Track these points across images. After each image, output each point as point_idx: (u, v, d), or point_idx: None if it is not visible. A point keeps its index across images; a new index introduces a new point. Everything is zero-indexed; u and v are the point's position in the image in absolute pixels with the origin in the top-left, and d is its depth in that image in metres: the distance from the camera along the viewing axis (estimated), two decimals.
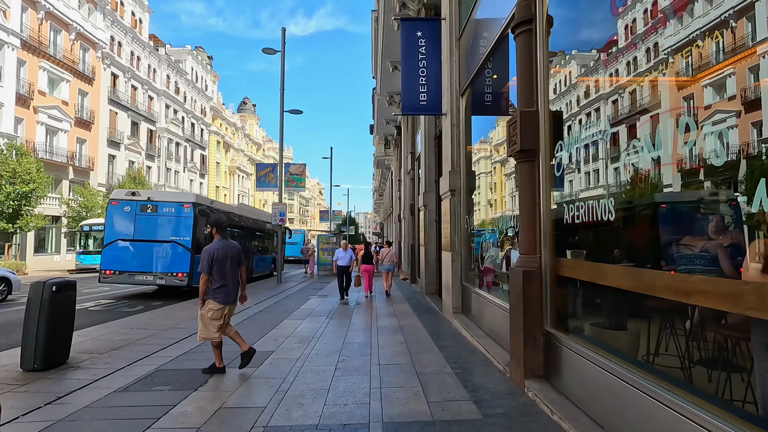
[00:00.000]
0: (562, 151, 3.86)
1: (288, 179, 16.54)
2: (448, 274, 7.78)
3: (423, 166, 11.77)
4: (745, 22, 2.13)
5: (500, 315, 5.38)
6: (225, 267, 4.71)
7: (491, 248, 6.21)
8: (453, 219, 7.59)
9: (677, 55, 2.56)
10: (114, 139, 36.46)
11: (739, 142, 2.13)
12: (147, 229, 12.04)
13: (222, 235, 4.84)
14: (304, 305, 10.36)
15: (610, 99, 3.34)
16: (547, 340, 3.91)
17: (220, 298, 4.67)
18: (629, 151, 2.98)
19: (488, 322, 6.04)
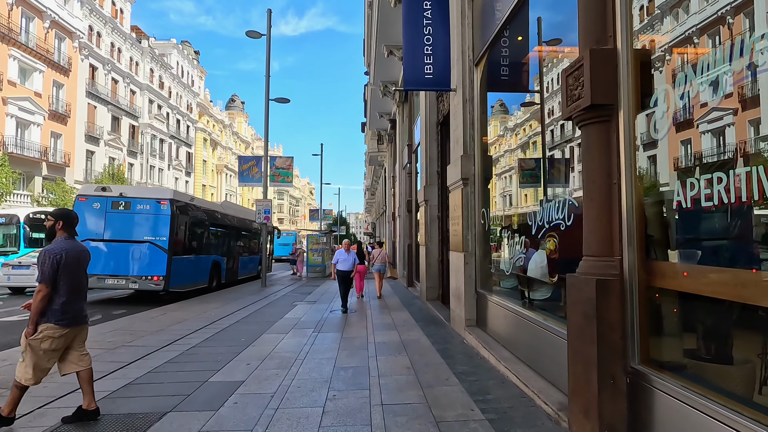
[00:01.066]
0: (656, 105, 2.62)
1: (273, 173, 15.17)
2: (458, 279, 6.53)
3: (423, 156, 10.51)
4: None
5: (538, 335, 4.14)
6: (76, 276, 3.41)
7: (518, 246, 4.95)
8: (466, 213, 6.34)
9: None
10: (93, 135, 34.69)
11: None
12: (119, 228, 10.64)
13: (69, 233, 3.47)
14: (289, 314, 9.03)
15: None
16: (634, 382, 2.67)
17: (66, 319, 3.30)
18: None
19: (516, 341, 4.79)
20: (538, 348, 4.15)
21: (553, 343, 3.76)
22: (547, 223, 4.02)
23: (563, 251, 3.83)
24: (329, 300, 11.33)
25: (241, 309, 9.71)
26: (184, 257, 11.47)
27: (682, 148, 2.53)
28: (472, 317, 6.25)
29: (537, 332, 4.16)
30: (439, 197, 9.99)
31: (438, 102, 10.12)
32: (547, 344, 3.90)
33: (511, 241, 5.07)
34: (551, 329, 3.86)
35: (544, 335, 4.01)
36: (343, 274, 9.55)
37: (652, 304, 2.70)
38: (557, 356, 3.68)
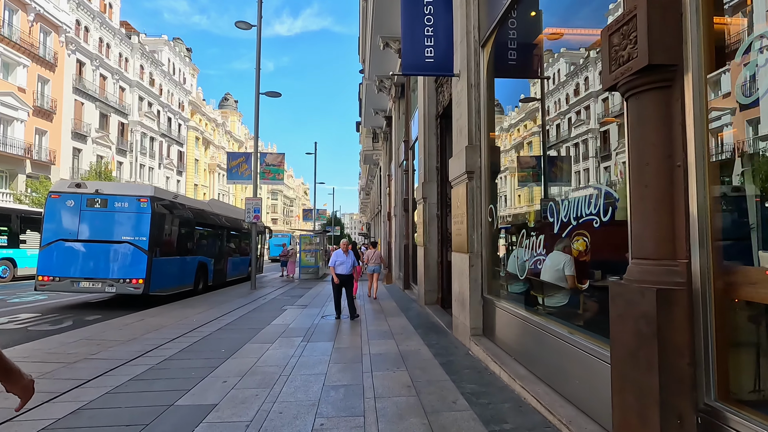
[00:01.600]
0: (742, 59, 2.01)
1: (264, 170, 14.49)
2: (462, 283, 5.91)
3: (421, 152, 9.90)
4: None
5: (562, 351, 3.53)
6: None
7: (534, 247, 4.33)
8: (471, 211, 5.72)
9: None
10: (80, 132, 33.77)
11: None
12: (95, 227, 9.91)
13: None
14: (277, 320, 8.37)
15: None
16: (708, 423, 2.06)
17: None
18: None
19: (534, 356, 4.17)
20: (562, 366, 3.53)
21: (585, 362, 3.15)
22: (574, 219, 3.40)
23: (597, 252, 3.21)
24: (321, 304, 10.68)
25: (226, 314, 9.03)
26: (167, 258, 10.77)
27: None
28: (478, 326, 5.63)
29: (561, 348, 3.55)
30: (438, 194, 9.38)
31: (437, 93, 9.51)
32: (576, 363, 3.29)
33: (526, 240, 4.45)
34: (580, 345, 3.25)
35: (570, 351, 3.40)
36: (343, 278, 8.41)
37: (733, 321, 2.10)
38: (590, 378, 3.07)
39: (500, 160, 5.67)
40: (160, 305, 10.10)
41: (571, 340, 3.40)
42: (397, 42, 13.62)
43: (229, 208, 17.84)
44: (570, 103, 4.02)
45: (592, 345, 3.10)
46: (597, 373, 2.94)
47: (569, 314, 3.80)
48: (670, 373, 2.10)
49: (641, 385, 2.20)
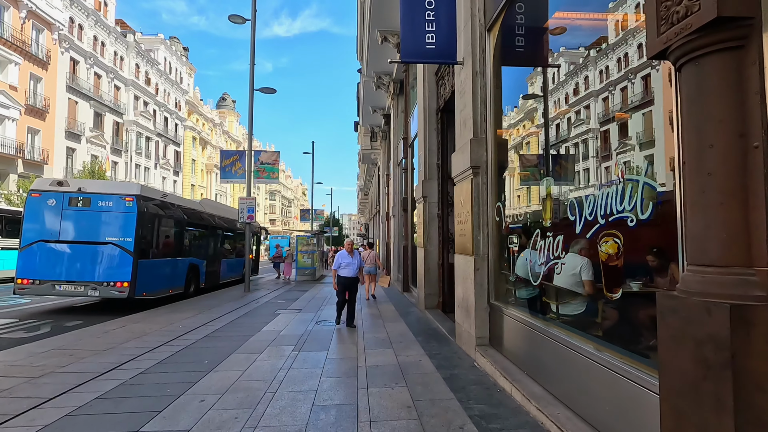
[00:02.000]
0: None
1: (258, 169, 14.00)
2: (467, 287, 5.44)
3: (421, 149, 9.42)
4: None
5: (588, 370, 3.05)
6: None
7: (550, 249, 3.85)
8: (476, 209, 5.25)
9: None
10: (74, 131, 33.24)
11: None
12: (77, 227, 9.41)
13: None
14: (268, 326, 7.88)
15: None
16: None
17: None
18: None
19: (550, 373, 3.70)
20: (587, 387, 3.06)
21: (617, 386, 2.67)
22: (602, 218, 2.93)
23: (633, 256, 2.74)
24: (316, 308, 10.19)
25: (215, 319, 8.54)
26: (154, 260, 10.27)
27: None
28: (485, 335, 5.15)
29: (586, 366, 3.07)
30: (439, 193, 8.90)
31: (438, 86, 9.04)
32: (605, 385, 2.81)
33: (541, 242, 3.97)
34: (612, 366, 2.77)
35: (597, 371, 2.92)
36: (348, 281, 7.66)
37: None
38: (626, 406, 2.59)
39: (508, 154, 5.20)
40: (148, 309, 9.61)
41: (599, 359, 2.93)
42: (395, 36, 13.17)
43: (222, 207, 17.34)
44: (602, 83, 3.55)
45: (628, 367, 2.62)
46: (636, 402, 2.47)
47: (593, 326, 3.33)
48: (748, 414, 1.62)
49: (707, 427, 1.72)
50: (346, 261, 7.71)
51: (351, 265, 7.72)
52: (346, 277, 7.69)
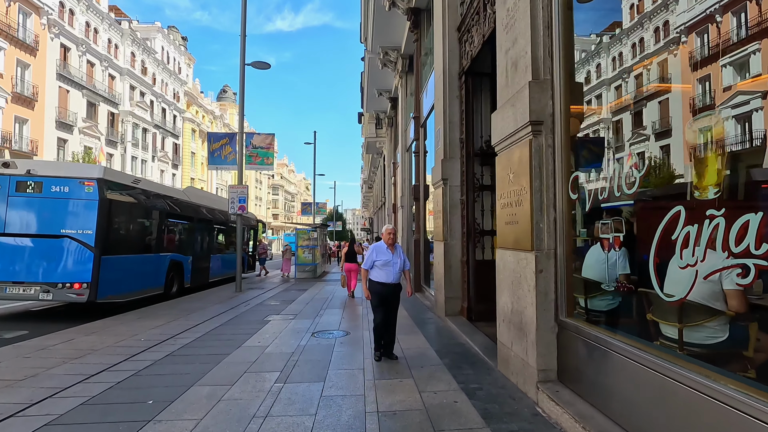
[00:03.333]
0: None
1: (250, 154, 12.43)
2: (521, 296, 3.83)
3: (441, 122, 7.77)
4: None
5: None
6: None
7: (720, 245, 2.24)
8: (536, 184, 3.63)
9: None
10: (65, 121, 31.76)
11: None
12: (27, 217, 7.87)
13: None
14: (253, 338, 6.31)
15: None
16: None
17: None
18: None
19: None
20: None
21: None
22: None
23: None
24: (314, 312, 8.62)
25: (191, 328, 6.99)
26: (124, 257, 8.72)
27: None
28: (550, 366, 3.55)
29: None
30: (463, 174, 7.28)
31: (462, 44, 7.38)
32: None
33: (689, 228, 2.34)
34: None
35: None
36: (388, 290, 5.07)
37: None
38: None
39: (586, 100, 3.56)
40: (116, 315, 8.10)
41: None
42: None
43: (212, 198, 15.77)
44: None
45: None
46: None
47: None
48: None
49: None
50: (384, 258, 5.07)
51: (392, 264, 5.06)
52: (385, 284, 5.05)
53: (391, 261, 5.07)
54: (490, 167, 7.37)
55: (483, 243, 7.19)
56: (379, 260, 5.07)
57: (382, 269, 5.04)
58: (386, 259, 5.06)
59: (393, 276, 5.06)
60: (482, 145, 7.31)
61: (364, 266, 5.24)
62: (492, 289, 7.10)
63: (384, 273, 5.05)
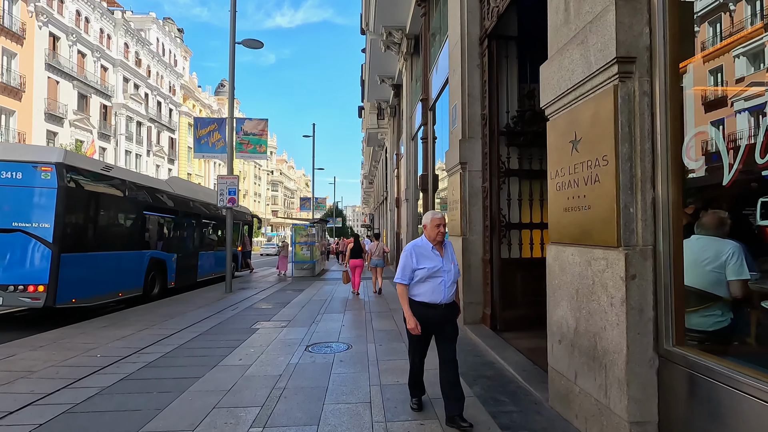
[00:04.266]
0: None
1: (241, 141, 11.27)
2: (598, 311, 2.70)
3: (458, 96, 6.61)
4: None
5: None
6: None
7: None
8: (624, 151, 2.49)
9: None
10: (55, 113, 30.59)
11: None
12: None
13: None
14: (233, 355, 5.18)
15: None
16: None
17: None
18: None
19: None
20: None
21: None
22: None
23: None
24: (311, 318, 7.49)
25: (162, 339, 5.87)
26: (90, 255, 7.59)
27: None
28: (648, 417, 2.41)
29: None
30: (486, 157, 6.13)
31: (483, 3, 6.22)
32: None
33: None
34: None
35: None
36: (434, 315, 3.18)
37: None
38: None
39: (701, 23, 2.42)
40: (83, 321, 7.00)
41: None
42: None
43: (201, 190, 14.60)
44: None
45: None
46: None
47: None
48: None
49: None
50: (429, 264, 3.18)
51: (443, 273, 3.19)
52: (432, 306, 3.17)
53: (441, 269, 3.16)
54: (518, 148, 6.25)
55: (509, 238, 6.06)
56: (422, 268, 3.15)
57: (428, 282, 3.16)
58: (433, 267, 3.15)
59: (444, 292, 3.16)
60: (508, 121, 6.17)
61: (400, 279, 3.23)
62: (521, 294, 6.02)
63: (430, 288, 3.15)
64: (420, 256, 3.20)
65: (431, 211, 3.27)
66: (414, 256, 3.20)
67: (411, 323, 3.16)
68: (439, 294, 3.16)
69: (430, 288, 3.17)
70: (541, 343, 5.06)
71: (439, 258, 3.20)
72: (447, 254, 3.27)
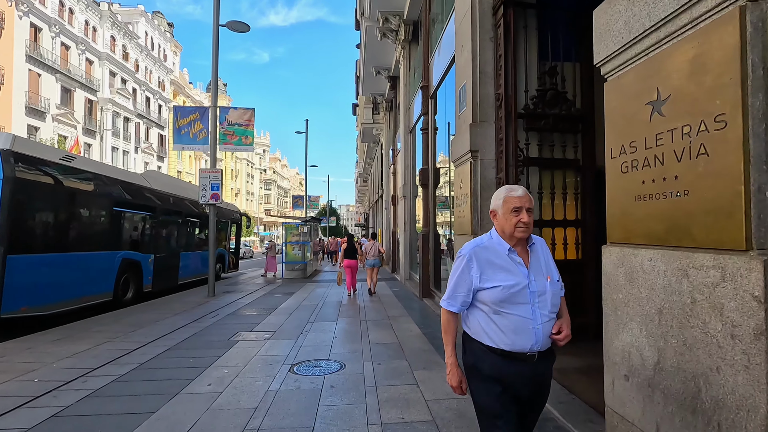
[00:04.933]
0: None
1: (225, 132, 10.33)
2: (705, 344, 1.86)
3: (470, 75, 5.74)
4: None
5: None
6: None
7: None
8: (759, 104, 1.64)
9: None
10: (36, 107, 29.43)
11: None
12: None
13: None
14: (204, 377, 4.29)
15: None
16: None
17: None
18: None
19: None
20: None
21: None
22: None
23: None
24: (299, 327, 6.61)
25: (121, 356, 4.98)
26: (46, 256, 6.66)
27: None
28: None
29: None
30: (500, 144, 5.28)
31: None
32: None
33: None
34: None
35: None
36: (519, 372, 1.77)
37: None
38: None
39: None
40: (37, 332, 6.07)
41: None
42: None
43: (184, 186, 13.66)
44: None
45: None
46: None
47: None
48: None
49: None
50: (505, 280, 1.78)
51: (528, 296, 1.77)
52: (515, 356, 1.77)
53: (527, 287, 1.78)
54: (537, 133, 5.41)
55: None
56: (493, 287, 1.78)
57: (505, 313, 1.77)
58: (514, 284, 1.77)
59: (537, 332, 1.76)
60: (527, 102, 5.34)
61: (449, 304, 1.89)
62: None
63: (509, 324, 1.77)
64: (487, 264, 1.80)
65: (506, 187, 1.92)
66: (476, 266, 1.81)
67: (453, 379, 1.88)
68: (526, 335, 1.74)
69: (509, 323, 1.75)
70: (574, 363, 4.25)
71: (522, 268, 1.79)
72: (537, 260, 1.86)
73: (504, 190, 1.92)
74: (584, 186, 5.47)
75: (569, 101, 5.43)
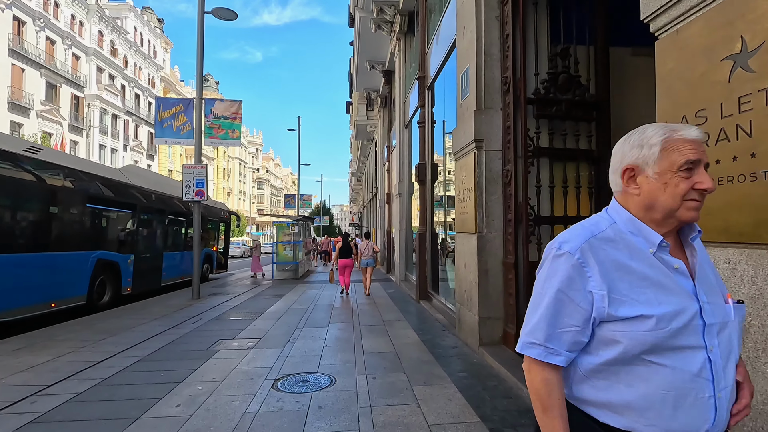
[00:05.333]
0: None
1: (211, 125, 9.72)
2: None
3: (474, 57, 5.23)
4: None
5: None
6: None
7: None
8: None
9: None
10: (20, 103, 28.54)
11: None
12: None
13: None
14: (173, 394, 3.74)
15: None
16: None
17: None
18: None
19: None
20: None
21: None
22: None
23: None
24: (287, 334, 6.06)
25: (82, 371, 4.42)
26: (8, 256, 6.05)
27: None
28: None
29: None
30: (508, 132, 4.78)
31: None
32: None
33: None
34: None
35: None
36: None
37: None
38: None
39: None
40: (7, 338, 5.49)
41: None
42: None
43: (166, 182, 13.02)
44: None
45: None
46: None
47: None
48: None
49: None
50: (660, 307, 0.91)
51: (699, 330, 0.91)
52: None
53: (694, 315, 0.92)
54: (548, 121, 4.91)
55: (539, 236, 4.72)
56: (637, 318, 0.91)
57: (658, 365, 0.91)
58: (678, 313, 0.91)
59: (721, 405, 0.92)
60: (537, 87, 4.84)
61: (548, 354, 0.98)
62: None
63: (667, 389, 0.90)
64: (618, 271, 0.95)
65: (658, 125, 1.03)
66: (597, 273, 0.95)
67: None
68: (697, 410, 0.91)
69: (662, 385, 0.91)
70: None
71: (684, 280, 0.96)
72: (702, 267, 1.02)
73: (656, 127, 1.01)
74: (599, 179, 4.98)
75: (583, 86, 4.94)
